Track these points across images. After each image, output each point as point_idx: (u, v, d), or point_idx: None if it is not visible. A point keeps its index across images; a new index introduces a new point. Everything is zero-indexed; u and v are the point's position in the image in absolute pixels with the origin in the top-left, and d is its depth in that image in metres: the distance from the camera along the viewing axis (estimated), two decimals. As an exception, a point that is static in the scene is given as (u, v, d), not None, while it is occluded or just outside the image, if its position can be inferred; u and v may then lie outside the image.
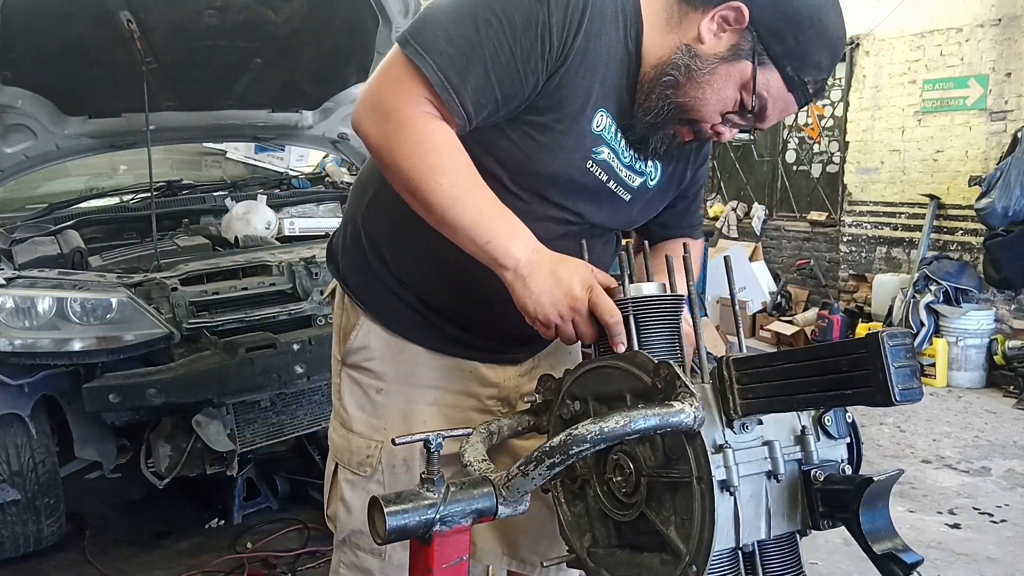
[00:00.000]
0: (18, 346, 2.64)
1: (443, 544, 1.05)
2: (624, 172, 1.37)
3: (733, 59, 1.23)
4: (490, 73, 1.18)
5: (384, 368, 1.47)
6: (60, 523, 3.05)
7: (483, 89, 1.19)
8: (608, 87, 1.28)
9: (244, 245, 3.59)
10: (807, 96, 1.26)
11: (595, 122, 1.30)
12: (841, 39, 1.25)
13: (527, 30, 1.18)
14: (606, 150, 1.33)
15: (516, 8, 1.18)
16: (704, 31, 1.23)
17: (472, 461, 1.15)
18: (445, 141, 1.20)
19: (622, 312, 1.17)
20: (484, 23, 1.17)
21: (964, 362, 5.75)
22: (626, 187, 1.39)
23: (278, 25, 3.51)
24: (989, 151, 6.04)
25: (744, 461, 1.02)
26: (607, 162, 1.34)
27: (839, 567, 2.98)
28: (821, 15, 1.21)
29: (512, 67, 1.19)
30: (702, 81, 1.25)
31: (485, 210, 1.21)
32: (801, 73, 1.22)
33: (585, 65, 1.25)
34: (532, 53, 1.19)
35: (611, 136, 1.32)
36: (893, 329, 0.89)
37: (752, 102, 1.24)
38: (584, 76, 1.25)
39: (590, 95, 1.27)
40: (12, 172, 3.64)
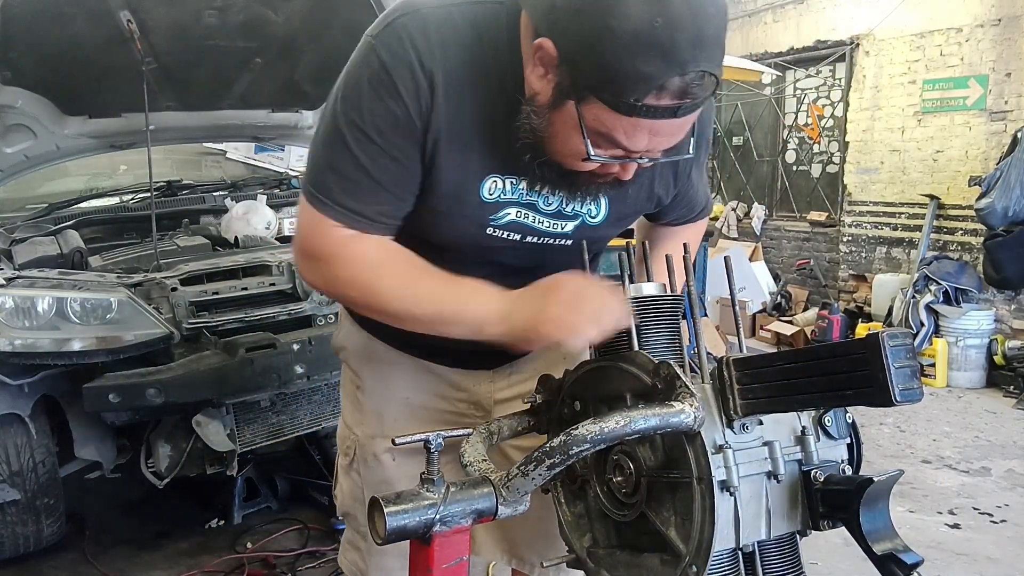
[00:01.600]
0: (18, 346, 2.64)
1: (443, 544, 1.05)
2: (547, 223, 1.30)
3: (559, 103, 1.09)
4: (382, 183, 1.20)
5: (360, 367, 1.53)
6: (60, 523, 3.05)
7: (384, 199, 1.21)
8: (497, 149, 1.20)
9: (244, 245, 3.59)
10: (660, 111, 1.03)
11: (486, 190, 1.24)
12: (665, 24, 0.97)
13: (396, 131, 1.17)
14: (513, 210, 1.27)
15: (376, 115, 1.16)
16: (532, 80, 1.12)
17: (472, 461, 1.15)
18: (371, 255, 1.23)
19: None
20: (355, 142, 1.17)
21: (964, 362, 5.75)
22: (556, 235, 1.32)
23: (278, 25, 3.51)
24: (989, 151, 6.04)
25: (744, 461, 1.02)
26: (517, 221, 1.28)
27: (839, 567, 2.98)
28: (608, 19, 0.98)
29: (399, 168, 1.19)
30: (547, 135, 1.13)
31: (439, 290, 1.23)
32: (623, 95, 1.02)
33: (453, 140, 1.19)
34: (410, 148, 1.18)
35: (518, 194, 1.26)
36: (893, 329, 0.89)
37: (587, 143, 1.08)
38: (455, 152, 1.20)
39: (468, 168, 1.22)
40: (12, 172, 3.63)
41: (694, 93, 1.02)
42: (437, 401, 1.51)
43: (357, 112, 1.17)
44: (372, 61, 1.17)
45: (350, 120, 1.18)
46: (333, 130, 1.20)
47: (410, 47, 1.15)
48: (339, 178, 1.20)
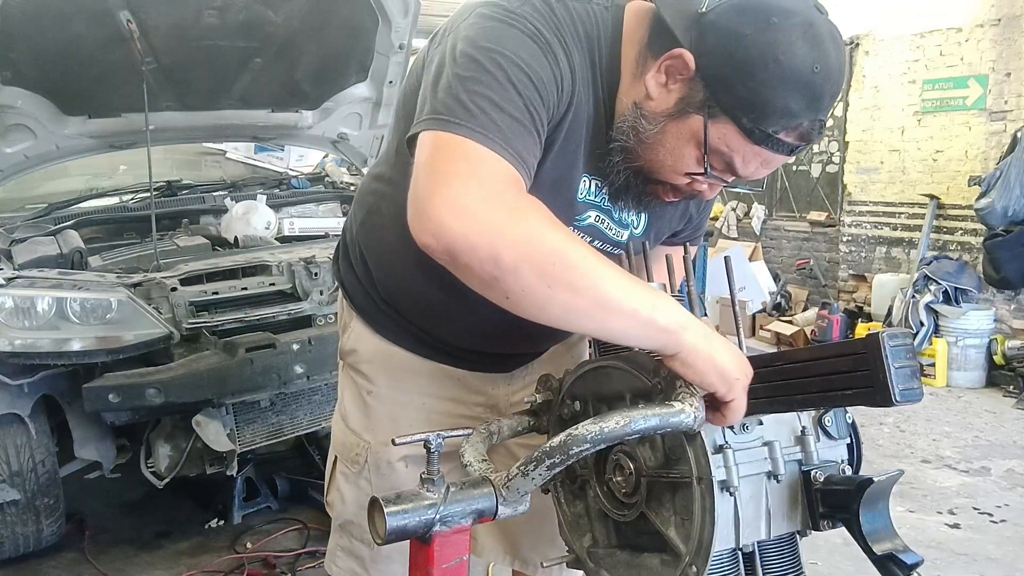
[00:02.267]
0: (18, 346, 2.64)
1: (443, 544, 1.05)
2: (614, 230, 1.32)
3: (682, 115, 1.10)
4: (531, 130, 1.06)
5: (374, 372, 1.49)
6: (60, 523, 3.05)
7: (531, 149, 1.07)
8: (589, 148, 1.21)
9: (244, 245, 3.59)
10: (784, 147, 1.08)
11: (579, 190, 1.24)
12: (822, 72, 1.04)
13: (545, 88, 1.08)
14: (594, 213, 1.28)
15: (538, 66, 1.07)
16: (652, 85, 1.12)
17: (472, 461, 1.15)
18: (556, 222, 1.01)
19: None
20: (519, 83, 1.05)
21: (964, 362, 5.74)
22: (615, 243, 1.33)
23: (278, 25, 3.51)
24: (989, 151, 6.04)
25: (744, 461, 1.02)
26: (594, 226, 1.29)
27: (839, 567, 2.98)
28: (777, 53, 1.02)
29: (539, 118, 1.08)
30: (653, 143, 1.14)
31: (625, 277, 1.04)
32: (762, 124, 1.06)
33: (571, 132, 1.17)
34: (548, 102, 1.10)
35: (601, 199, 1.27)
36: (893, 329, 0.89)
37: (707, 160, 1.10)
38: (569, 143, 1.18)
39: (572, 163, 1.20)
40: (12, 172, 3.63)
41: (812, 137, 1.10)
42: (453, 406, 1.49)
43: (519, 59, 1.05)
44: (526, 26, 1.08)
45: (513, 61, 1.05)
46: (484, 70, 1.04)
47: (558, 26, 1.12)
48: (504, 116, 1.02)
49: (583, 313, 0.97)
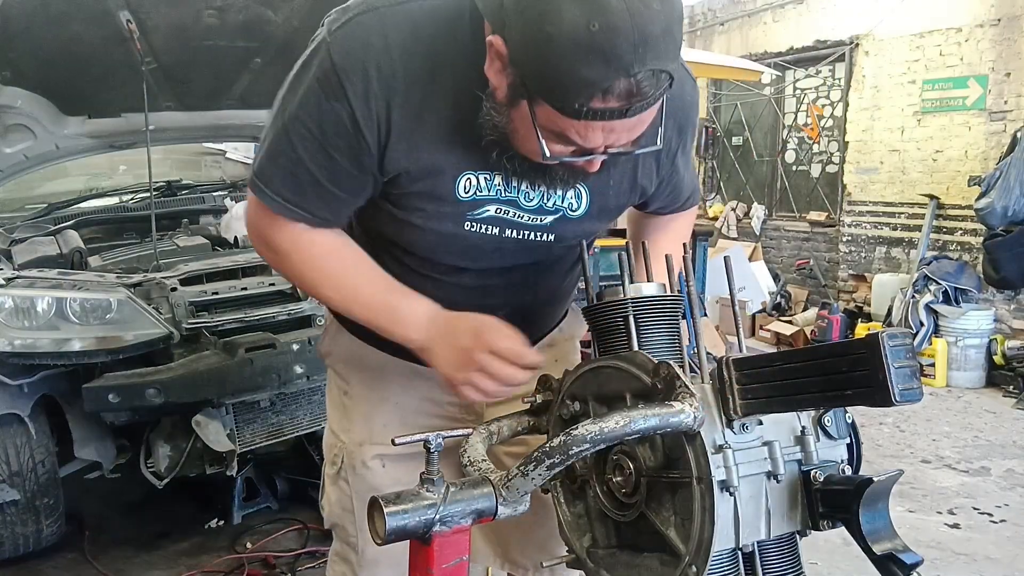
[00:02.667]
0: (18, 346, 2.64)
1: (443, 544, 1.05)
2: (528, 217, 1.28)
3: (515, 102, 1.07)
4: (322, 181, 1.20)
5: (348, 372, 1.52)
6: (60, 523, 3.05)
7: (324, 195, 1.22)
8: (468, 146, 1.18)
9: (244, 245, 3.59)
10: (609, 113, 1.01)
11: (461, 188, 1.22)
12: (603, 28, 0.94)
13: (338, 132, 1.16)
14: (492, 207, 1.25)
15: (322, 114, 1.16)
16: (491, 75, 1.09)
17: (472, 461, 1.15)
18: (316, 254, 1.28)
19: (622, 312, 1.18)
20: (299, 138, 1.18)
21: (964, 362, 5.75)
22: (535, 228, 1.29)
23: (278, 25, 3.51)
24: (988, 151, 6.04)
25: (744, 461, 1.02)
26: (497, 217, 1.26)
27: (839, 567, 2.99)
28: (545, 25, 0.96)
29: (339, 169, 1.19)
30: (509, 131, 1.12)
31: (373, 306, 1.29)
32: (570, 100, 0.99)
33: (418, 141, 1.17)
34: (353, 151, 1.17)
35: (496, 191, 1.24)
36: (893, 329, 0.89)
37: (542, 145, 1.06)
38: (422, 152, 1.18)
39: (438, 167, 1.20)
40: (12, 172, 3.63)
41: (644, 92, 0.99)
42: (428, 405, 1.49)
43: (303, 109, 1.17)
44: (324, 61, 1.15)
45: (295, 116, 1.18)
46: (279, 123, 1.21)
47: (365, 49, 1.13)
48: (280, 171, 1.22)
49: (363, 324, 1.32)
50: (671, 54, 1.01)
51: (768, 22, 8.10)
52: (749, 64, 7.29)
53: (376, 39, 1.14)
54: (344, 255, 1.29)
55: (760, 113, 8.42)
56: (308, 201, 1.22)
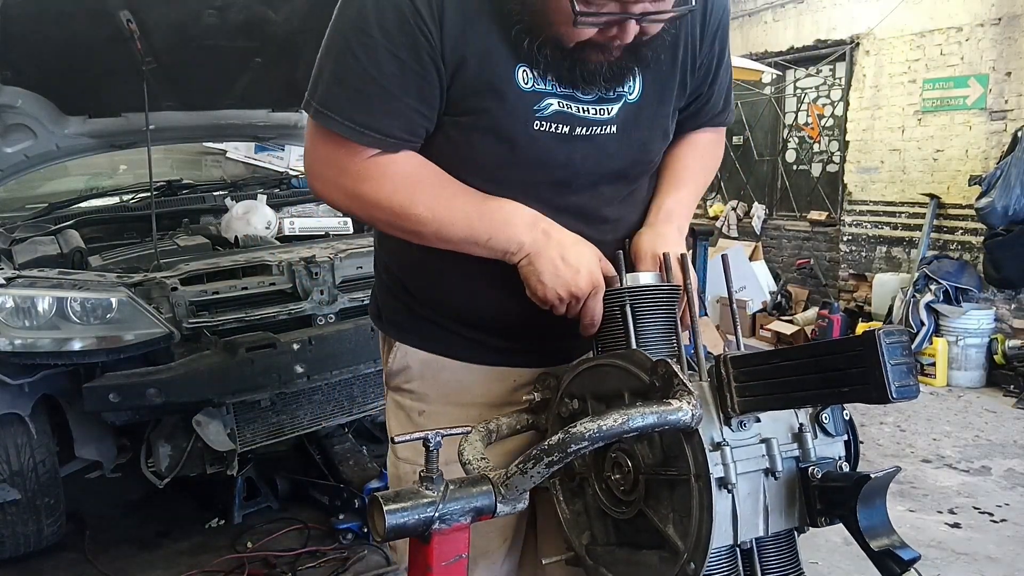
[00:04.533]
0: (18, 346, 2.64)
1: (442, 542, 1.05)
2: (592, 109, 1.23)
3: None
4: (392, 91, 1.15)
5: (425, 389, 1.42)
6: (60, 523, 3.05)
7: (397, 110, 1.16)
8: (517, 37, 1.14)
9: (244, 245, 3.59)
10: None
11: (520, 79, 1.18)
12: None
13: (402, 28, 1.11)
14: (555, 100, 1.20)
15: (382, 13, 1.12)
16: None
17: (471, 459, 1.15)
18: (400, 173, 1.20)
19: (618, 302, 1.18)
20: (363, 48, 1.13)
21: (964, 361, 5.74)
22: (602, 122, 1.24)
23: (278, 25, 3.51)
24: (989, 150, 6.03)
25: (742, 459, 1.03)
26: (561, 111, 1.21)
27: (839, 566, 2.98)
28: None
29: (409, 73, 1.14)
30: (539, 7, 1.10)
31: (473, 214, 1.20)
32: None
33: (474, 32, 1.14)
34: (419, 47, 1.13)
35: (550, 85, 1.19)
36: (889, 327, 0.89)
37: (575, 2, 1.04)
38: (478, 42, 1.14)
39: (495, 58, 1.15)
40: (12, 172, 3.64)
41: None
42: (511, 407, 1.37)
43: (359, 14, 1.13)
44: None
45: (353, 24, 1.13)
46: (336, 39, 1.16)
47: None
48: (348, 91, 1.15)
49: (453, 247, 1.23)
50: None
51: (768, 21, 8.10)
52: (749, 63, 7.30)
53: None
54: (431, 170, 1.21)
55: (760, 112, 8.42)
56: (382, 120, 1.16)
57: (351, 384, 3.25)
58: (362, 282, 3.29)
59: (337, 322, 3.17)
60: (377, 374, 3.28)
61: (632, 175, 1.34)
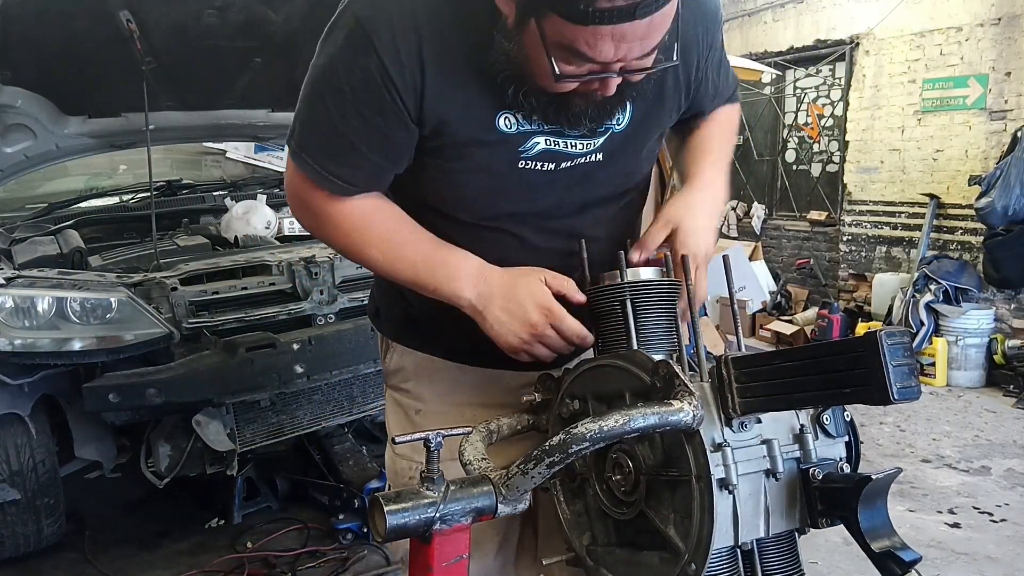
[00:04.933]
0: (18, 346, 2.64)
1: (443, 543, 1.05)
2: (579, 144, 1.24)
3: (523, 24, 1.05)
4: (356, 145, 1.19)
5: (421, 388, 1.46)
6: (60, 523, 3.05)
7: (360, 162, 1.21)
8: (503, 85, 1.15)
9: (244, 245, 3.59)
10: (615, 14, 0.98)
11: (502, 124, 1.19)
12: None
13: (369, 88, 1.14)
14: (541, 138, 1.22)
15: (351, 73, 1.15)
16: (500, 3, 1.08)
17: (471, 460, 1.15)
18: (357, 215, 1.25)
19: (619, 297, 1.18)
20: (331, 98, 1.17)
21: (964, 361, 5.74)
22: (588, 153, 1.25)
23: (278, 25, 3.51)
24: (989, 150, 6.03)
25: (743, 459, 1.02)
26: (548, 150, 1.23)
27: (839, 567, 2.99)
28: None
29: (374, 130, 1.18)
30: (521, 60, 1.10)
31: (420, 264, 1.25)
32: (574, 3, 0.98)
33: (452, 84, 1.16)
34: (386, 108, 1.15)
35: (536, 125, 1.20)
36: (891, 328, 0.89)
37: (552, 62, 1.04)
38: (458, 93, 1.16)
39: (475, 107, 1.18)
40: (12, 172, 3.64)
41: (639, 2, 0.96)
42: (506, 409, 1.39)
43: (332, 67, 1.17)
44: (349, 20, 1.15)
45: (325, 75, 1.17)
46: (311, 86, 1.20)
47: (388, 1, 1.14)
48: (317, 137, 1.21)
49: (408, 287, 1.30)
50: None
51: (768, 21, 8.10)
52: (749, 63, 7.29)
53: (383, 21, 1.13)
54: (386, 215, 1.27)
55: (760, 112, 8.42)
56: (345, 169, 1.21)
57: (351, 384, 3.25)
58: (362, 282, 3.30)
59: (337, 322, 3.17)
60: (377, 374, 3.28)
61: (618, 195, 1.36)
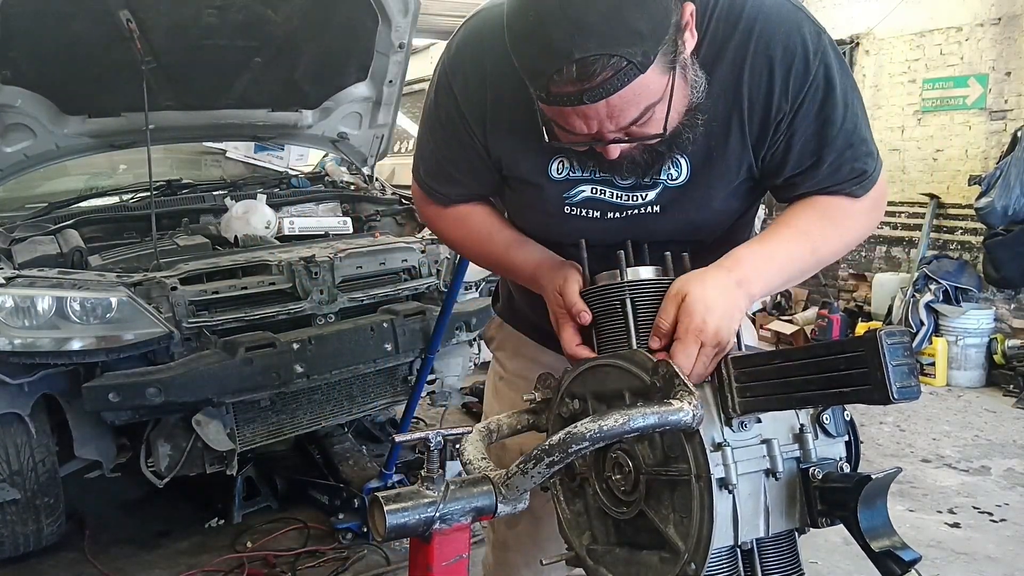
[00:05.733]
0: (18, 345, 2.63)
1: (443, 542, 1.05)
2: (626, 196, 1.31)
3: None
4: (449, 168, 1.43)
5: (506, 359, 1.70)
6: (60, 522, 3.05)
7: (455, 182, 1.45)
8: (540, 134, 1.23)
9: (244, 244, 3.59)
10: (569, 98, 1.07)
11: (554, 169, 1.32)
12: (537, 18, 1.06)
13: (451, 122, 1.36)
14: (588, 187, 1.33)
15: (438, 109, 1.38)
16: None
17: (471, 459, 1.15)
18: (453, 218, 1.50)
19: (619, 297, 1.18)
20: (429, 132, 1.43)
21: (964, 361, 5.74)
22: (643, 204, 1.31)
23: (278, 25, 3.51)
24: (989, 150, 6.03)
25: (743, 459, 1.03)
26: (593, 198, 1.33)
27: (839, 566, 2.99)
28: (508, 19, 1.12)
29: (461, 156, 1.39)
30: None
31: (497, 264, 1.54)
32: (537, 89, 1.11)
33: (511, 129, 1.31)
34: (462, 139, 1.36)
35: (589, 171, 1.30)
36: (891, 328, 0.89)
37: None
38: (516, 139, 1.31)
39: (531, 151, 1.31)
40: (12, 171, 3.63)
41: (592, 77, 1.04)
42: None
43: (431, 107, 1.40)
44: (439, 66, 1.38)
45: (427, 112, 1.42)
46: (423, 118, 1.45)
47: (464, 49, 1.34)
48: (424, 161, 1.47)
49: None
50: (624, 39, 1.03)
51: (768, 21, 8.10)
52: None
53: (474, 41, 1.33)
54: (477, 217, 1.49)
55: (760, 112, 8.42)
56: (444, 187, 1.46)
57: (351, 384, 3.25)
58: (362, 282, 3.30)
59: (337, 322, 3.17)
60: (377, 374, 3.28)
61: (688, 243, 1.33)
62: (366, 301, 3.27)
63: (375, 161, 4.49)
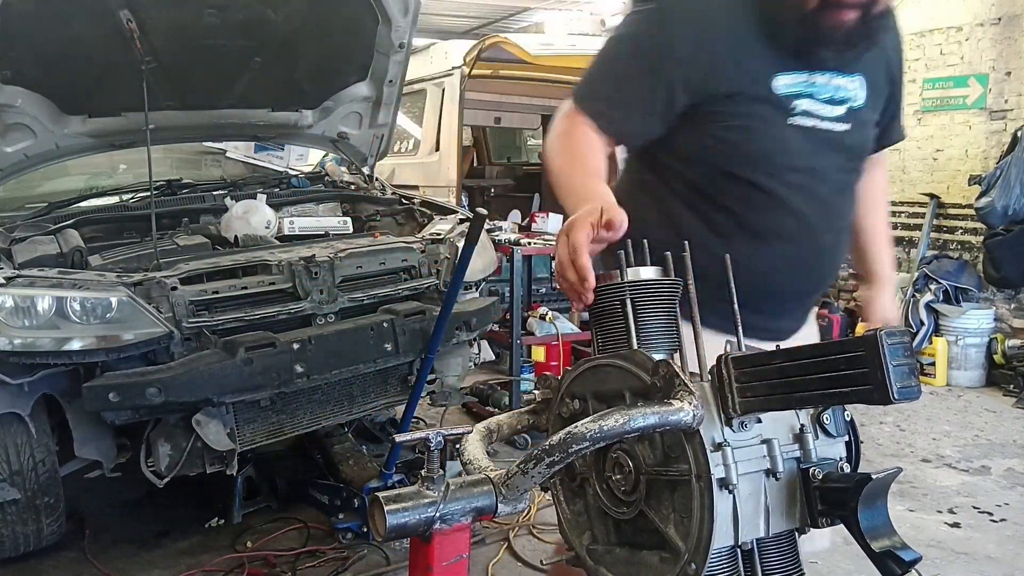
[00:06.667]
0: (18, 345, 2.63)
1: (443, 542, 1.05)
2: (828, 109, 1.49)
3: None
4: (630, 101, 1.45)
5: None
6: (60, 522, 3.04)
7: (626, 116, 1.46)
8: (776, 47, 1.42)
9: (244, 244, 3.59)
10: None
11: (777, 86, 1.44)
12: None
13: (650, 55, 1.43)
14: (804, 102, 1.46)
15: (642, 37, 1.46)
16: None
17: (472, 459, 1.15)
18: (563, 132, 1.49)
19: (619, 296, 1.18)
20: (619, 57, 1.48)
21: (964, 361, 5.75)
22: (836, 119, 1.50)
23: (278, 25, 3.51)
24: (989, 150, 6.04)
25: (743, 459, 1.03)
26: (807, 112, 1.47)
27: (839, 566, 2.98)
28: None
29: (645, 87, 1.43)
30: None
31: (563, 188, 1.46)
32: None
33: (729, 56, 1.41)
34: (660, 71, 1.42)
35: (803, 85, 1.45)
36: (891, 328, 0.89)
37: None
38: (734, 65, 1.41)
39: (755, 68, 1.42)
40: (12, 171, 3.63)
41: None
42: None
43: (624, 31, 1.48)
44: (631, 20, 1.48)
45: (618, 37, 1.49)
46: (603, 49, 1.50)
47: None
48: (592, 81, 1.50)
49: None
50: None
51: (768, 21, 8.11)
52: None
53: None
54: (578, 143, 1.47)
55: (760, 112, 8.43)
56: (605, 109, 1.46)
57: (351, 384, 3.25)
58: (362, 282, 3.29)
59: (337, 322, 3.17)
60: (377, 374, 3.28)
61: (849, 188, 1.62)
62: (366, 301, 3.27)
63: (375, 161, 4.49)
